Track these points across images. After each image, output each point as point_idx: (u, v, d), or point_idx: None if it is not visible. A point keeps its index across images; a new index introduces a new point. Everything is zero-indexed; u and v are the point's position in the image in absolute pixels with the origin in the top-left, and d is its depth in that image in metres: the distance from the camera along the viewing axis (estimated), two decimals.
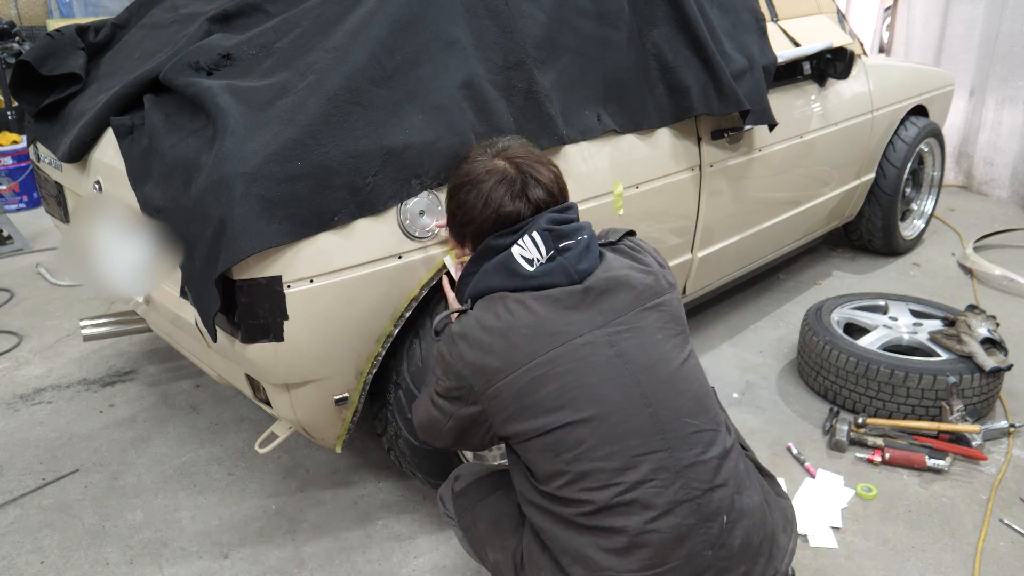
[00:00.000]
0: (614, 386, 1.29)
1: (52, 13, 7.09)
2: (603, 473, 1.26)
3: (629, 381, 1.29)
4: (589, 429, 1.27)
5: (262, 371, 1.75)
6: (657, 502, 1.25)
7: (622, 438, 1.27)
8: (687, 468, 1.28)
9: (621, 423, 1.27)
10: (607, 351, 1.30)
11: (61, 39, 2.40)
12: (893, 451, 2.30)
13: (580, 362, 1.29)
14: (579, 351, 1.30)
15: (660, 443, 1.28)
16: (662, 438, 1.28)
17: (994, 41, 4.69)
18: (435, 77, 1.80)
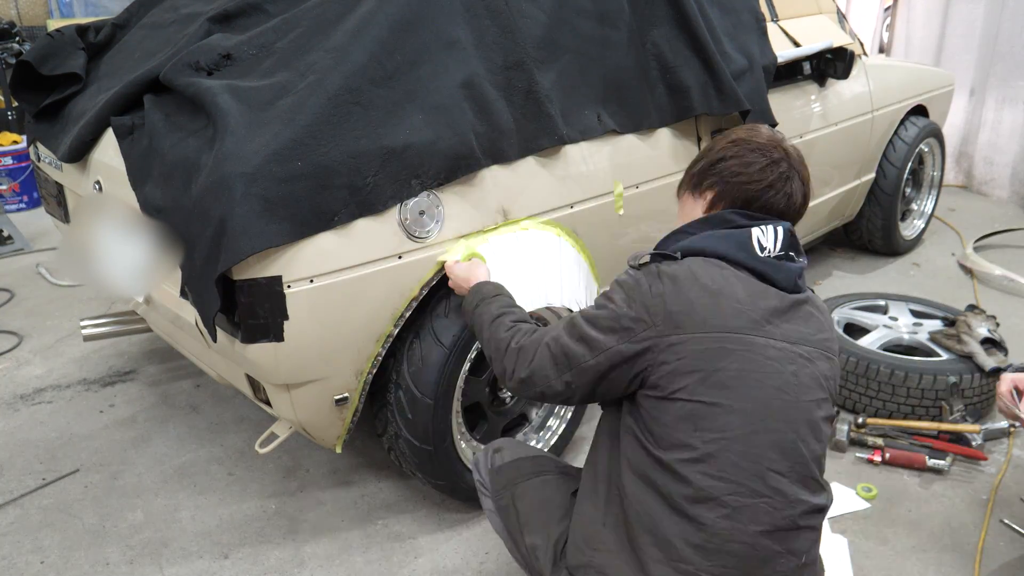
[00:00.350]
0: (781, 400, 1.28)
1: (52, 13, 7.09)
2: (729, 468, 1.24)
3: (792, 403, 1.29)
4: (742, 422, 1.25)
5: (262, 371, 1.75)
6: (763, 519, 1.25)
7: (764, 447, 1.26)
8: (799, 502, 1.28)
9: (770, 433, 1.26)
10: (789, 367, 1.30)
11: (61, 39, 2.40)
12: (893, 451, 2.30)
13: (765, 360, 1.28)
14: (769, 351, 1.29)
15: (789, 470, 1.27)
16: (792, 468, 1.27)
17: (994, 41, 4.69)
18: (435, 77, 1.80)
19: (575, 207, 2.10)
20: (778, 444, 1.26)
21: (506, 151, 1.92)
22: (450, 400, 1.92)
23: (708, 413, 1.26)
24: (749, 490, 1.24)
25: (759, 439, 1.26)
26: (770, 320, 1.31)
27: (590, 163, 2.12)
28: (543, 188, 2.02)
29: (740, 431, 1.25)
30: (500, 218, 1.95)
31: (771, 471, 1.25)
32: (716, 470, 1.24)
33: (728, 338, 1.28)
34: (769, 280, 1.34)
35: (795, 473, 1.27)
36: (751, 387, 1.27)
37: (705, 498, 1.24)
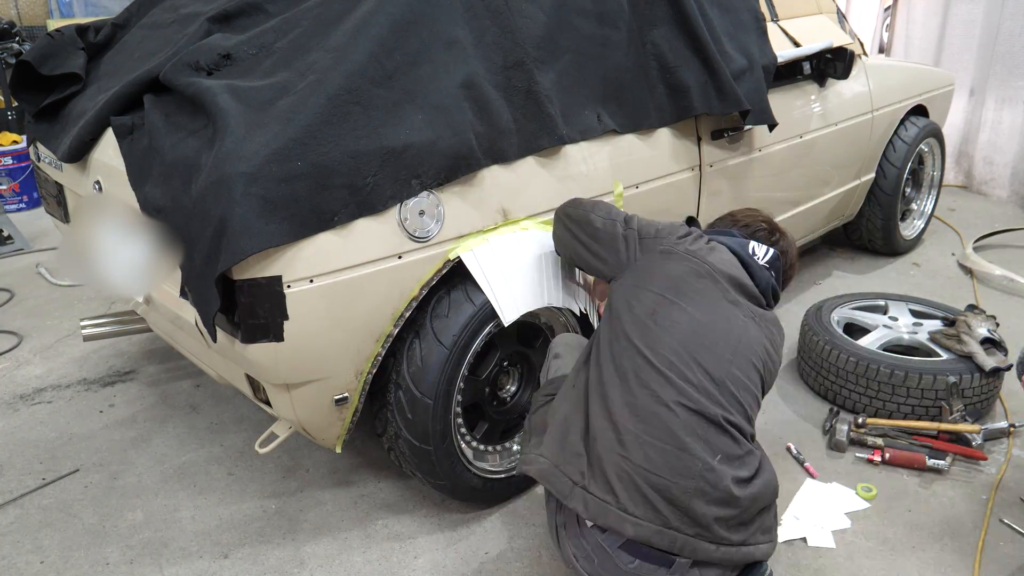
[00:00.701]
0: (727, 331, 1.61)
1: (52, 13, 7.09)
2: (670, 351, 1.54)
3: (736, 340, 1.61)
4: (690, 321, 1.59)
5: (262, 371, 1.75)
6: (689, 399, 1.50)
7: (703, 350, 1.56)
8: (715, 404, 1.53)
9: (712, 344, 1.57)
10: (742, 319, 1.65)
11: (61, 39, 2.40)
12: (893, 451, 2.30)
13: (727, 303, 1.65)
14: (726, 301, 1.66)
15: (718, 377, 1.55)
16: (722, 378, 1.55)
17: (994, 41, 4.69)
18: (435, 77, 1.80)
19: None
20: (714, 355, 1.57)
21: (506, 151, 1.92)
22: (450, 400, 1.92)
23: (667, 306, 1.61)
24: (680, 373, 1.53)
25: (702, 343, 1.57)
26: (737, 287, 1.69)
27: (590, 163, 2.12)
28: (543, 188, 2.02)
29: (687, 328, 1.58)
30: (500, 218, 1.95)
31: (702, 368, 1.54)
32: (659, 346, 1.55)
33: (707, 269, 1.67)
34: (751, 274, 1.74)
35: (725, 387, 1.55)
36: (707, 306, 1.62)
37: (645, 364, 1.54)
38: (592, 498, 1.47)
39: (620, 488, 1.46)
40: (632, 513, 1.45)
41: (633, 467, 1.46)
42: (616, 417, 1.51)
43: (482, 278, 1.88)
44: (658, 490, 1.45)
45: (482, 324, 1.92)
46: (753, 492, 1.51)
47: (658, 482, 1.45)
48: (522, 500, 2.19)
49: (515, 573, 1.93)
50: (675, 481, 1.45)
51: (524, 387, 2.21)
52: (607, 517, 1.46)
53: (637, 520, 1.44)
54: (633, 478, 1.46)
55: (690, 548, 1.45)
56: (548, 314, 2.15)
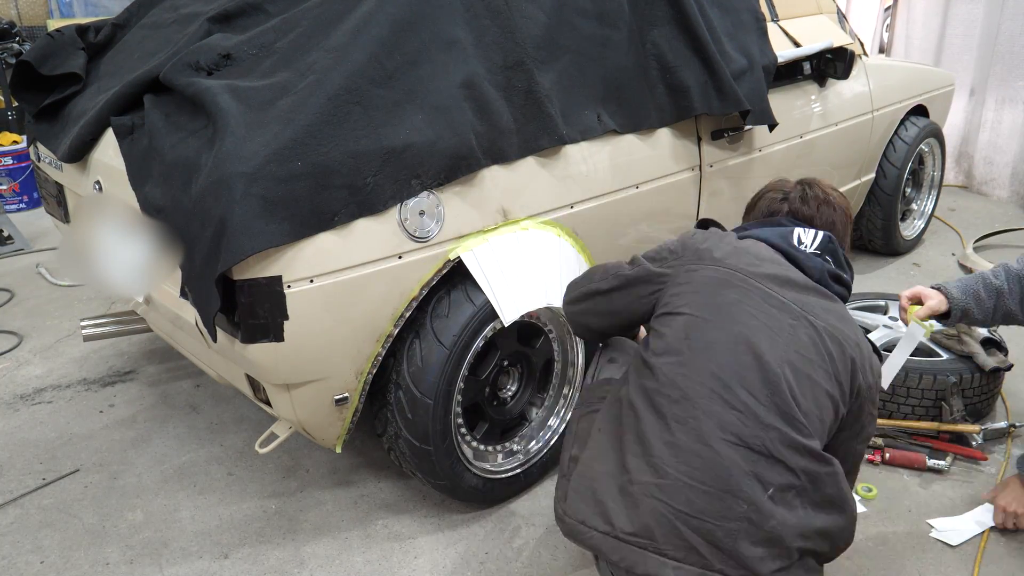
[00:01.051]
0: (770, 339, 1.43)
1: (52, 13, 7.09)
2: (707, 375, 1.39)
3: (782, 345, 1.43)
4: (727, 339, 1.42)
5: (262, 371, 1.75)
6: (730, 429, 1.36)
7: (746, 369, 1.40)
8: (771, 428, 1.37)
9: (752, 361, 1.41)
10: (788, 319, 1.46)
11: (61, 39, 2.40)
12: (893, 451, 2.30)
13: (763, 303, 1.47)
14: (772, 300, 1.48)
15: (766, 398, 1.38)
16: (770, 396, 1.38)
17: (994, 41, 4.69)
18: (435, 77, 1.80)
19: (575, 207, 2.10)
20: (761, 373, 1.40)
21: (506, 151, 1.92)
22: (450, 400, 1.92)
23: (701, 325, 1.45)
24: (721, 400, 1.38)
25: (742, 360, 1.40)
26: (783, 285, 1.50)
27: (590, 163, 2.12)
28: (543, 188, 2.02)
29: (724, 348, 1.42)
30: (500, 218, 1.95)
31: (746, 390, 1.38)
32: (695, 373, 1.40)
33: (735, 275, 1.49)
34: (799, 265, 1.55)
35: (774, 405, 1.38)
36: (744, 316, 1.44)
37: (681, 398, 1.39)
38: (627, 546, 1.38)
39: (659, 531, 1.36)
40: (672, 556, 1.35)
41: (674, 511, 1.35)
42: (655, 460, 1.38)
43: (482, 278, 1.88)
44: (700, 533, 1.34)
45: (482, 324, 1.92)
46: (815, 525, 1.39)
47: (700, 526, 1.34)
48: (522, 500, 2.19)
49: (515, 573, 1.93)
50: (718, 524, 1.34)
51: (524, 387, 2.21)
52: (647, 564, 1.36)
53: (678, 564, 1.34)
54: (673, 522, 1.35)
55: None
56: (548, 314, 2.15)
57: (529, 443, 2.21)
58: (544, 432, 2.24)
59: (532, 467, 2.19)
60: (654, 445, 1.39)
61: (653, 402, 1.42)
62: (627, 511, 1.38)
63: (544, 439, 2.23)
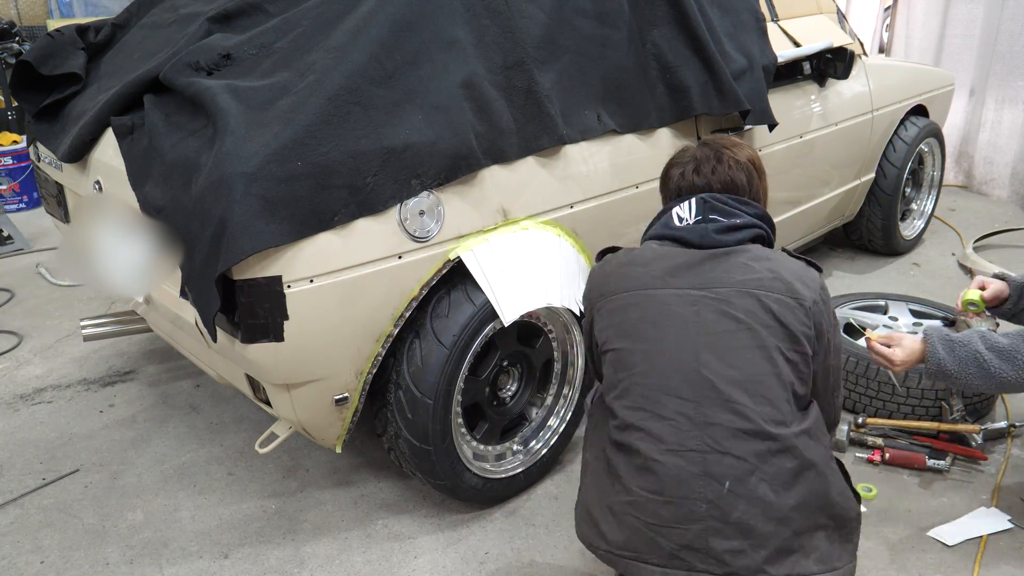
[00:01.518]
0: (678, 335, 1.48)
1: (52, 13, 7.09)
2: (639, 398, 1.47)
3: (692, 336, 1.47)
4: (643, 357, 1.49)
5: (262, 371, 1.75)
6: (668, 439, 1.43)
7: (664, 377, 1.46)
8: (708, 425, 1.42)
9: (669, 365, 1.46)
10: (690, 308, 1.49)
11: (61, 39, 2.40)
12: (893, 451, 2.30)
13: (663, 306, 1.51)
14: (668, 298, 1.51)
15: (692, 395, 1.44)
16: (696, 392, 1.44)
17: (994, 41, 4.69)
18: (435, 77, 1.80)
19: (575, 207, 2.10)
20: (680, 373, 1.45)
21: (506, 151, 1.92)
22: (450, 400, 1.92)
23: (621, 357, 1.52)
24: (655, 415, 1.45)
25: (660, 370, 1.46)
26: (674, 274, 1.53)
27: (590, 163, 2.12)
28: (543, 188, 2.02)
29: (643, 366, 1.48)
30: (500, 218, 1.95)
31: (675, 397, 1.44)
32: (631, 402, 1.48)
33: (632, 295, 1.55)
34: (685, 243, 1.58)
35: (705, 399, 1.42)
36: (648, 330, 1.50)
37: (626, 426, 1.47)
38: (623, 560, 1.47)
39: (640, 544, 1.44)
40: (658, 564, 1.43)
41: (646, 524, 1.43)
42: (624, 482, 1.47)
43: (482, 278, 1.88)
44: (673, 539, 1.41)
45: (482, 324, 1.92)
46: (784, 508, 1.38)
47: (670, 533, 1.41)
48: (522, 500, 2.19)
49: (515, 573, 1.93)
50: (686, 528, 1.40)
51: (524, 387, 2.21)
52: (640, 574, 1.45)
53: (664, 570, 1.42)
54: (647, 533, 1.43)
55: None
56: (548, 314, 2.15)
57: (529, 443, 2.21)
58: (544, 432, 2.24)
59: (532, 467, 2.19)
60: (620, 469, 1.48)
61: (611, 433, 1.52)
62: (615, 529, 1.48)
63: (544, 439, 2.23)
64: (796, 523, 1.39)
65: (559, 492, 2.21)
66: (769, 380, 1.43)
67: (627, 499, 1.46)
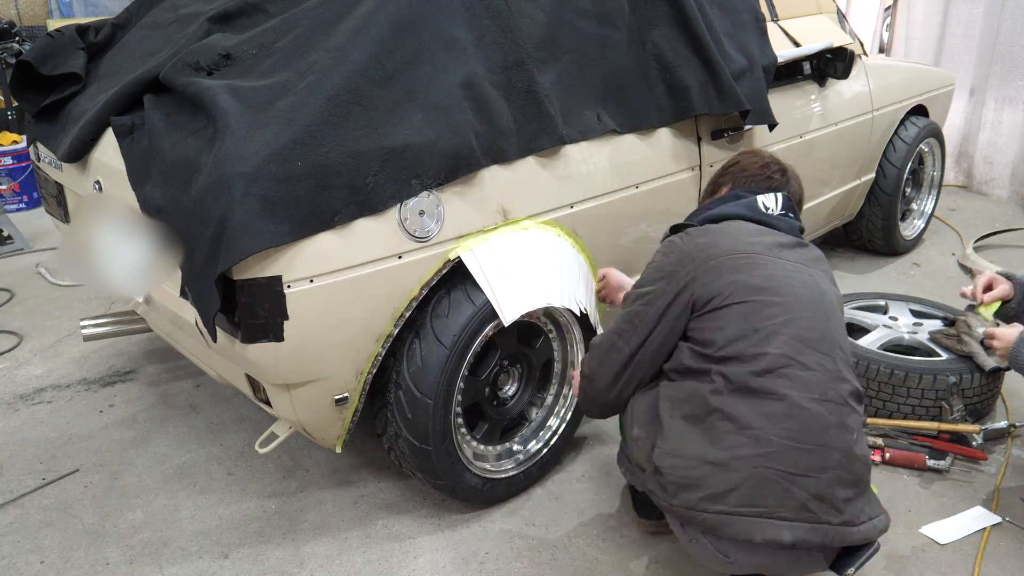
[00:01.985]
0: (810, 297, 1.61)
1: (52, 13, 7.09)
2: (783, 346, 1.53)
3: (820, 300, 1.62)
4: (783, 310, 1.57)
5: (262, 371, 1.75)
6: (814, 389, 1.51)
7: (806, 330, 1.56)
8: (841, 381, 1.55)
9: (807, 319, 1.57)
10: (809, 276, 1.64)
11: (61, 39, 2.40)
12: (893, 451, 2.30)
13: (787, 271, 1.63)
14: (788, 266, 1.64)
15: (828, 350, 1.56)
16: (830, 349, 1.57)
17: (994, 41, 4.69)
18: (435, 77, 1.80)
19: (575, 207, 2.10)
20: (817, 330, 1.56)
21: (506, 151, 1.92)
22: (450, 400, 1.92)
23: (755, 308, 1.56)
24: (800, 364, 1.52)
25: (802, 323, 1.56)
26: (781, 250, 1.67)
27: (590, 163, 2.12)
28: (543, 188, 2.02)
29: (785, 316, 1.55)
30: (500, 218, 1.95)
31: (815, 350, 1.54)
32: (775, 349, 1.52)
33: (752, 256, 1.62)
34: (775, 228, 1.73)
35: (833, 356, 1.56)
36: (783, 285, 1.59)
37: (767, 370, 1.51)
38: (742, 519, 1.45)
39: (771, 497, 1.45)
40: (785, 517, 1.44)
41: (783, 475, 1.45)
42: (756, 432, 1.48)
43: (482, 278, 1.88)
44: (807, 489, 1.45)
45: (482, 324, 1.92)
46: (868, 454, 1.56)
47: (806, 482, 1.45)
48: (522, 500, 2.19)
49: (515, 573, 1.93)
50: (820, 476, 1.46)
51: (524, 387, 2.21)
52: (763, 531, 1.44)
53: (792, 523, 1.44)
54: (783, 484, 1.45)
55: (840, 537, 1.45)
56: (548, 314, 2.15)
57: (529, 443, 2.21)
58: (544, 432, 2.24)
59: (532, 467, 2.19)
60: (751, 419, 1.49)
61: (736, 383, 1.52)
62: (735, 486, 1.46)
63: (544, 439, 2.23)
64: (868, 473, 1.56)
65: (559, 492, 2.21)
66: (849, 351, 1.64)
67: (760, 451, 1.46)
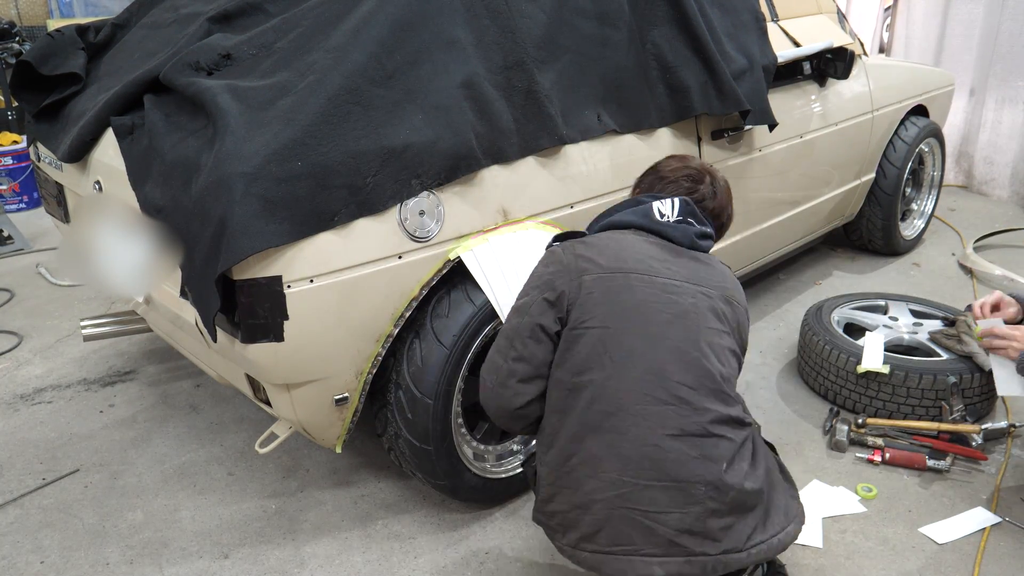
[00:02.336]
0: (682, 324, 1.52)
1: (52, 13, 7.09)
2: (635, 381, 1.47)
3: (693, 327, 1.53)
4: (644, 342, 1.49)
5: (262, 371, 1.75)
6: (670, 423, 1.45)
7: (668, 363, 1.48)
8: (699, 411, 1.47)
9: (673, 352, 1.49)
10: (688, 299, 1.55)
11: (61, 39, 2.40)
12: (893, 451, 2.30)
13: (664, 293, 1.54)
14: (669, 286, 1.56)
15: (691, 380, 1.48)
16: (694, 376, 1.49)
17: (994, 41, 4.69)
18: (435, 77, 1.80)
19: (575, 207, 2.10)
20: (682, 360, 1.49)
21: (506, 151, 1.92)
22: (450, 400, 1.92)
23: (615, 336, 1.50)
24: (655, 399, 1.46)
25: (663, 356, 1.48)
26: (668, 263, 1.59)
27: (590, 163, 2.12)
28: (543, 188, 2.02)
29: (644, 349, 1.48)
30: (500, 218, 1.95)
31: (676, 382, 1.47)
32: (624, 383, 1.46)
33: (631, 276, 1.55)
34: (667, 237, 1.65)
35: (703, 387, 1.48)
36: (652, 313, 1.52)
37: (618, 410, 1.46)
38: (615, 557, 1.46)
39: (637, 536, 1.44)
40: (654, 554, 1.43)
41: (643, 513, 1.44)
42: (610, 475, 1.46)
43: (482, 278, 1.88)
44: (670, 525, 1.43)
45: (482, 324, 1.92)
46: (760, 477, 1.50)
47: (668, 519, 1.43)
48: (522, 500, 2.19)
49: (515, 573, 1.93)
50: (685, 511, 1.43)
51: None
52: (635, 567, 1.44)
53: (662, 559, 1.43)
54: (644, 523, 1.44)
55: (723, 565, 1.44)
56: None
57: (529, 443, 2.21)
58: None
59: None
60: (605, 460, 1.46)
61: (588, 422, 1.48)
62: (602, 527, 1.46)
63: None
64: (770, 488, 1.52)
65: None
66: (734, 377, 1.58)
67: (617, 492, 1.44)
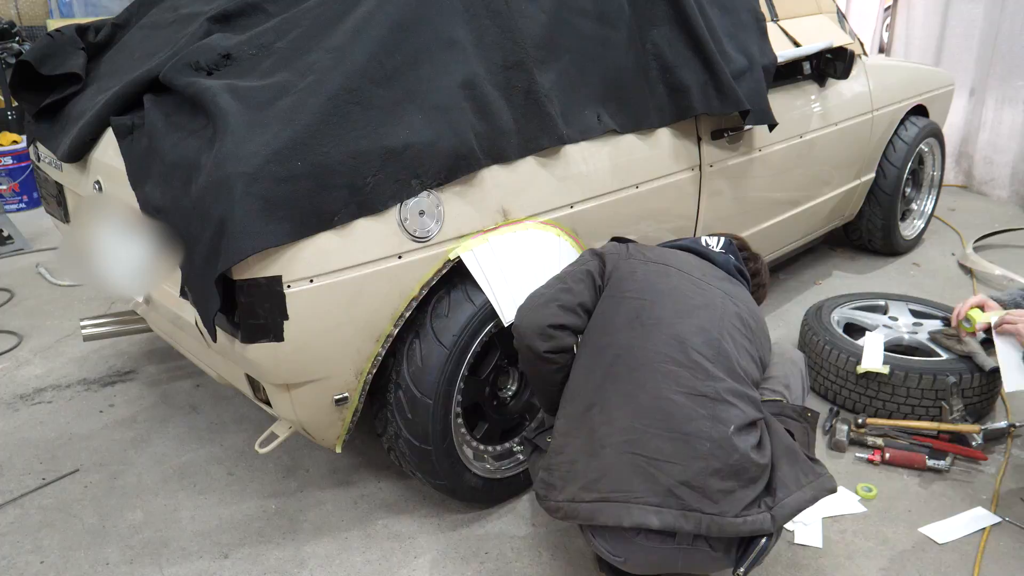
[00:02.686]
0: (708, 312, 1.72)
1: (52, 13, 7.09)
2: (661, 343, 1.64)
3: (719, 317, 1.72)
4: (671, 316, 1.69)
5: (262, 371, 1.75)
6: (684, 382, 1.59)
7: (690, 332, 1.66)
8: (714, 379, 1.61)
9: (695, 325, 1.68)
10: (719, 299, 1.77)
11: (61, 39, 2.40)
12: (893, 451, 2.30)
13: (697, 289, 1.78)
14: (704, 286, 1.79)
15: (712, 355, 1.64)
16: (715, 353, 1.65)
17: (994, 41, 4.69)
18: (435, 77, 1.80)
19: (575, 207, 2.10)
20: (705, 337, 1.66)
21: (506, 151, 1.92)
22: (450, 400, 1.92)
23: (647, 307, 1.71)
24: (674, 360, 1.61)
25: (688, 329, 1.66)
26: (706, 273, 1.85)
27: (590, 163, 2.12)
28: (543, 188, 2.02)
29: (672, 320, 1.68)
30: (500, 218, 1.95)
31: (696, 351, 1.63)
32: (650, 343, 1.64)
33: (671, 269, 1.81)
34: (711, 260, 1.92)
35: (720, 363, 1.63)
36: (684, 298, 1.74)
37: (639, 365, 1.61)
38: (613, 504, 1.50)
39: (637, 482, 1.50)
40: (653, 503, 1.48)
41: (647, 460, 1.51)
42: (624, 421, 1.55)
43: (482, 278, 1.88)
44: (673, 475, 1.49)
45: (482, 324, 1.92)
46: (767, 455, 1.56)
47: (671, 469, 1.49)
48: (522, 500, 2.19)
49: (515, 573, 1.93)
50: (687, 464, 1.49)
51: (524, 387, 2.21)
52: (632, 515, 1.48)
53: (659, 508, 1.48)
54: (647, 470, 1.50)
55: (718, 527, 1.47)
56: None
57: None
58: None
59: None
60: (621, 408, 1.57)
61: (611, 374, 1.62)
62: (606, 472, 1.52)
63: None
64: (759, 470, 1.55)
65: None
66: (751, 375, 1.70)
67: (626, 438, 1.53)
